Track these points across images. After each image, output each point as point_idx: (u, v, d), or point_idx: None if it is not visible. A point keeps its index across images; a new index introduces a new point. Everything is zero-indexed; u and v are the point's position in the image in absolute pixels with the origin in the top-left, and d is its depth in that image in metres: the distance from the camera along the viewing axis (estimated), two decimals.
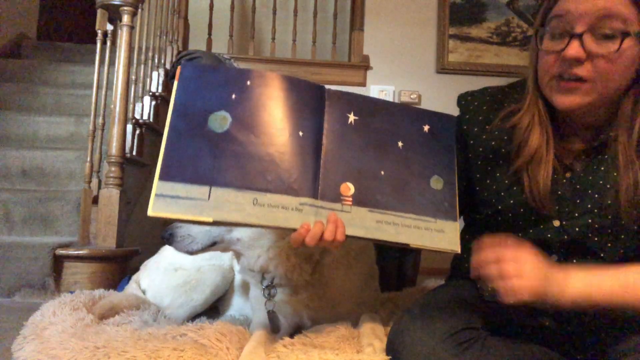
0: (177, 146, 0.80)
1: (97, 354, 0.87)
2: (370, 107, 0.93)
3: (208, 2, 3.31)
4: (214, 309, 1.34)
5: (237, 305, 1.32)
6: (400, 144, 0.92)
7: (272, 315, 1.06)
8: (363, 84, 3.21)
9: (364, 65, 3.23)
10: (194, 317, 1.25)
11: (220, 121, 0.82)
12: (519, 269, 0.74)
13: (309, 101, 0.89)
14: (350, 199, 0.86)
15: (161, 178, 0.78)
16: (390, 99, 3.14)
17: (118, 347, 0.90)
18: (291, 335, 1.06)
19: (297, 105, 0.87)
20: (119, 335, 0.97)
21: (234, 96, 0.84)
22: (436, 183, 0.92)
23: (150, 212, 0.76)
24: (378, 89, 3.19)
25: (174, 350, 0.89)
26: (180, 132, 0.80)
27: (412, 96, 3.16)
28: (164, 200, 0.77)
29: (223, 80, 0.85)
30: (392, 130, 0.93)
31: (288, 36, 3.32)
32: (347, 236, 0.84)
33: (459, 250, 0.90)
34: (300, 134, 0.86)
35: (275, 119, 0.85)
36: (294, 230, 0.82)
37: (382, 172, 0.89)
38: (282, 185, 0.82)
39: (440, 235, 0.90)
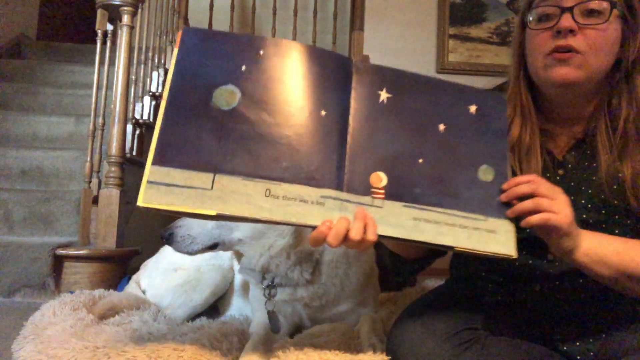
0: (176, 125, 0.69)
1: (97, 354, 0.87)
2: (405, 83, 0.80)
3: (208, 2, 3.31)
4: (214, 309, 1.34)
5: (237, 305, 1.32)
6: (441, 127, 0.79)
7: (272, 315, 1.06)
8: None
9: None
10: (194, 317, 1.25)
11: (227, 97, 0.72)
12: (553, 205, 0.74)
13: (333, 75, 0.77)
14: (382, 191, 0.74)
15: (155, 162, 0.67)
16: None
17: (118, 347, 0.90)
18: (291, 335, 1.06)
19: (319, 79, 0.76)
20: (119, 335, 0.97)
21: (244, 67, 0.73)
22: (485, 174, 0.79)
23: (141, 202, 0.66)
24: None
25: (174, 350, 0.89)
26: (179, 109, 0.70)
27: None
28: (158, 188, 0.66)
29: (231, 48, 0.74)
30: (433, 110, 0.79)
31: (288, 36, 3.32)
32: (379, 236, 0.72)
33: (515, 254, 0.76)
34: (323, 113, 0.74)
35: (292, 95, 0.74)
36: (314, 227, 0.70)
37: (421, 160, 0.76)
38: (300, 174, 0.71)
39: (491, 236, 0.76)
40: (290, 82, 0.75)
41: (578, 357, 0.87)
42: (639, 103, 0.86)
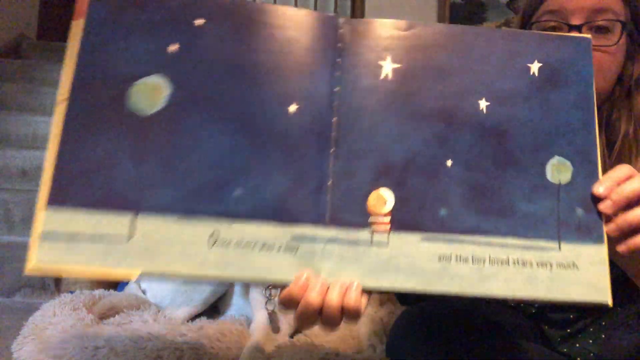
0: (78, 143, 0.48)
1: (97, 354, 0.87)
2: (420, 44, 0.53)
3: None
4: (214, 308, 1.33)
5: (237, 305, 1.31)
6: (482, 104, 0.52)
7: (272, 315, 1.05)
8: None
9: None
10: (194, 317, 1.25)
11: (150, 94, 0.49)
12: None
13: (309, 47, 0.52)
14: (388, 219, 0.49)
15: (51, 202, 0.46)
16: None
17: (118, 347, 0.89)
18: (291, 336, 1.06)
19: (287, 56, 0.52)
20: (119, 335, 0.96)
21: (174, 47, 0.50)
22: (559, 171, 0.52)
23: (31, 267, 0.45)
24: None
25: (174, 350, 0.89)
26: (82, 118, 0.48)
27: None
28: (55, 243, 0.45)
29: (156, 19, 0.51)
30: (468, 79, 0.53)
31: None
32: (381, 292, 0.51)
33: (609, 301, 0.50)
34: (293, 108, 0.51)
35: (247, 84, 0.51)
36: (284, 284, 0.48)
37: (449, 163, 0.51)
38: (260, 206, 0.48)
39: (570, 274, 0.49)
40: (243, 65, 0.51)
41: (578, 359, 0.86)
42: (638, 120, 0.82)
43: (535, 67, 0.54)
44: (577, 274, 0.50)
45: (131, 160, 0.48)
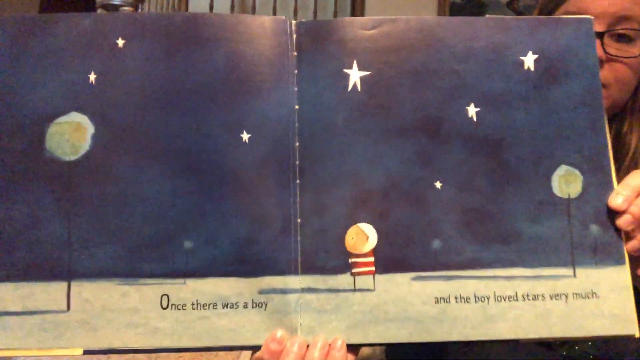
0: None
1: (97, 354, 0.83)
2: (391, 43, 0.45)
3: (208, 2, 3.29)
4: None
5: None
6: (471, 110, 0.45)
7: None
8: None
9: None
10: None
11: (71, 135, 0.42)
12: None
13: (259, 60, 0.44)
14: (371, 259, 0.42)
15: None
16: None
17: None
18: None
19: (234, 73, 0.43)
20: None
21: (93, 76, 0.43)
22: (567, 182, 0.44)
23: None
24: None
25: None
26: None
27: None
28: None
29: (69, 46, 0.43)
30: (452, 82, 0.45)
31: None
32: (370, 345, 0.42)
33: (637, 332, 0.43)
34: (245, 137, 0.43)
35: (185, 112, 0.43)
36: (253, 348, 0.42)
37: (438, 184, 0.44)
38: (219, 257, 0.41)
39: (589, 304, 0.43)
40: (178, 90, 0.43)
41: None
42: None
43: (529, 59, 0.46)
44: (597, 303, 0.42)
45: (57, 217, 0.41)
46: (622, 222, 0.43)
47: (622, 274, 0.43)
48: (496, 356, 0.77)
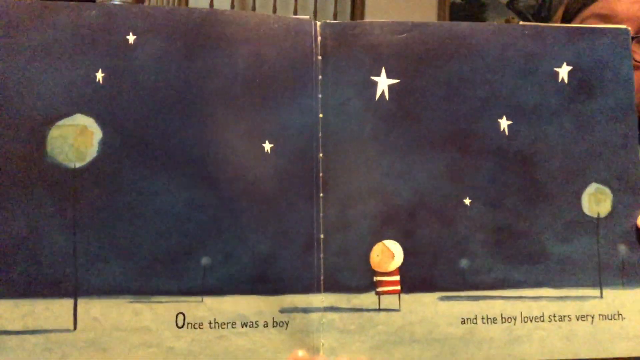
0: None
1: None
2: (421, 49, 0.42)
3: (208, 2, 3.25)
4: None
5: None
6: (503, 123, 0.43)
7: None
8: None
9: None
10: None
11: (77, 140, 0.38)
12: None
13: (282, 63, 0.41)
14: (397, 278, 0.41)
15: None
16: None
17: None
18: None
19: (256, 77, 0.40)
20: None
21: (101, 75, 0.39)
22: (597, 201, 0.43)
23: None
24: None
25: None
26: None
27: None
28: None
29: (73, 36, 0.39)
30: (483, 93, 0.43)
31: None
32: None
33: None
34: (267, 147, 0.40)
35: (203, 117, 0.40)
36: None
37: (467, 201, 0.42)
38: (238, 274, 0.39)
39: (615, 325, 0.42)
40: (194, 94, 0.40)
41: None
42: None
43: (564, 71, 0.43)
44: (623, 325, 0.42)
45: (61, 229, 0.38)
46: None
47: None
48: None
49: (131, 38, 0.39)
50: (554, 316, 0.42)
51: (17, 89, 0.38)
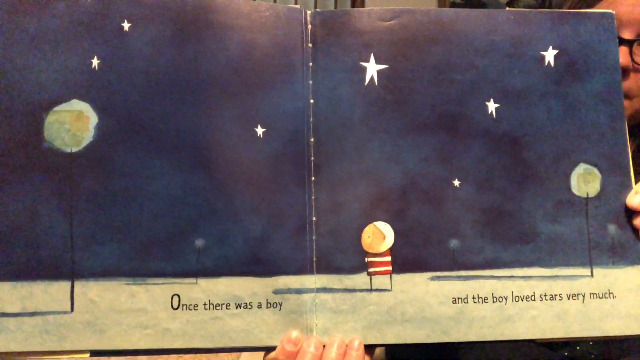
0: None
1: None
2: (409, 34, 0.43)
3: None
4: None
5: None
6: (491, 106, 0.43)
7: None
8: None
9: None
10: None
11: (73, 125, 0.39)
12: None
13: (273, 50, 0.42)
14: (388, 259, 0.41)
15: None
16: None
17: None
18: None
19: (248, 63, 0.41)
20: None
21: (96, 61, 0.40)
22: (585, 181, 0.44)
23: None
24: None
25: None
26: None
27: None
28: None
29: (68, 27, 0.40)
30: (471, 77, 0.43)
31: None
32: (388, 347, 0.42)
33: None
34: (260, 131, 0.41)
35: (196, 103, 0.41)
36: (267, 349, 0.41)
37: (457, 182, 0.43)
38: (232, 256, 0.40)
39: (605, 304, 0.42)
40: (188, 79, 0.41)
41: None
42: None
43: (550, 54, 0.44)
44: (613, 303, 0.42)
45: (58, 212, 0.38)
46: None
47: (639, 274, 0.43)
48: (499, 355, 0.77)
49: (126, 25, 0.40)
50: (545, 295, 0.42)
51: (14, 75, 0.39)
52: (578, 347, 0.82)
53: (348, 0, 3.46)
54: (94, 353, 0.39)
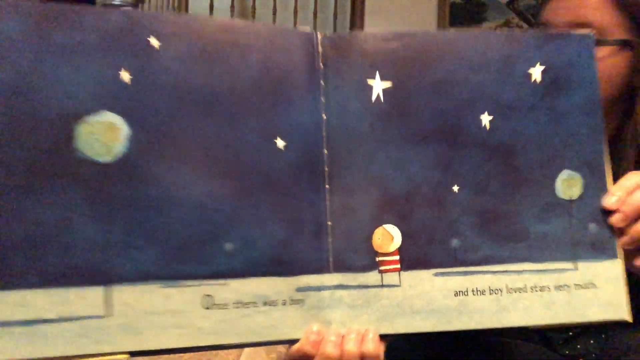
0: (17, 205, 0.38)
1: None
2: (413, 55, 0.47)
3: (208, 2, 3.29)
4: None
5: None
6: (485, 119, 0.48)
7: None
8: None
9: None
10: None
11: (104, 135, 0.40)
12: None
13: (289, 70, 0.45)
14: (396, 257, 0.46)
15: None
16: None
17: None
18: None
19: (267, 81, 0.45)
20: None
21: (126, 75, 0.41)
22: (569, 186, 0.48)
23: None
24: None
25: None
26: (17, 172, 0.39)
27: None
28: (16, 333, 0.37)
29: (98, 40, 0.41)
30: (467, 93, 0.48)
31: None
32: (396, 336, 0.45)
33: (628, 317, 0.48)
34: (280, 143, 0.45)
35: (223, 117, 0.43)
36: (291, 342, 0.44)
37: (455, 188, 0.47)
38: (257, 259, 0.43)
39: (588, 293, 0.47)
40: (213, 94, 0.43)
41: None
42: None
43: (536, 71, 0.49)
44: (595, 293, 0.48)
45: (92, 220, 0.39)
46: (615, 220, 0.48)
47: (616, 266, 0.48)
48: (500, 355, 0.78)
49: (155, 42, 0.42)
50: (535, 287, 0.47)
51: (46, 87, 0.40)
52: (579, 346, 0.82)
53: (348, 1, 3.51)
54: (133, 354, 0.40)
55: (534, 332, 0.84)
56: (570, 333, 0.83)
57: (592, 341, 0.82)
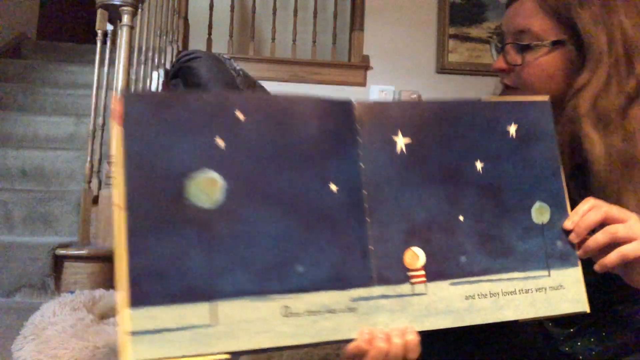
0: (147, 242, 0.49)
1: (97, 354, 0.88)
2: (424, 118, 0.62)
3: (208, 2, 3.31)
4: None
5: None
6: (479, 165, 0.62)
7: None
8: (363, 84, 3.22)
9: (364, 65, 3.23)
10: None
11: (207, 188, 0.52)
12: (629, 230, 0.62)
13: (335, 129, 0.58)
14: (422, 272, 0.58)
15: (134, 304, 0.48)
16: (390, 99, 3.13)
17: (118, 347, 0.90)
18: None
19: (320, 141, 0.57)
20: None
21: (221, 142, 0.53)
22: (541, 214, 0.64)
23: None
24: (378, 89, 3.20)
25: None
26: (146, 218, 0.50)
27: (412, 96, 3.17)
28: (149, 339, 0.48)
29: (198, 115, 0.53)
30: (465, 146, 0.62)
31: (288, 36, 3.33)
32: (423, 333, 0.57)
33: (587, 309, 0.64)
34: (334, 187, 0.56)
35: (292, 170, 0.55)
36: (347, 341, 0.55)
37: (461, 218, 0.61)
38: (322, 277, 0.54)
39: (559, 294, 0.62)
40: (282, 153, 0.55)
41: (580, 357, 0.87)
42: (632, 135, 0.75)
43: (512, 129, 0.64)
44: (564, 292, 0.63)
45: (201, 250, 0.51)
46: (572, 237, 0.64)
47: (577, 272, 0.64)
48: (506, 353, 0.82)
49: (240, 115, 0.54)
50: (522, 290, 0.62)
51: (163, 153, 0.52)
52: (579, 343, 0.85)
53: (348, 1, 3.52)
54: (232, 353, 0.51)
55: (536, 329, 0.87)
56: (572, 330, 0.86)
57: (592, 339, 0.85)
